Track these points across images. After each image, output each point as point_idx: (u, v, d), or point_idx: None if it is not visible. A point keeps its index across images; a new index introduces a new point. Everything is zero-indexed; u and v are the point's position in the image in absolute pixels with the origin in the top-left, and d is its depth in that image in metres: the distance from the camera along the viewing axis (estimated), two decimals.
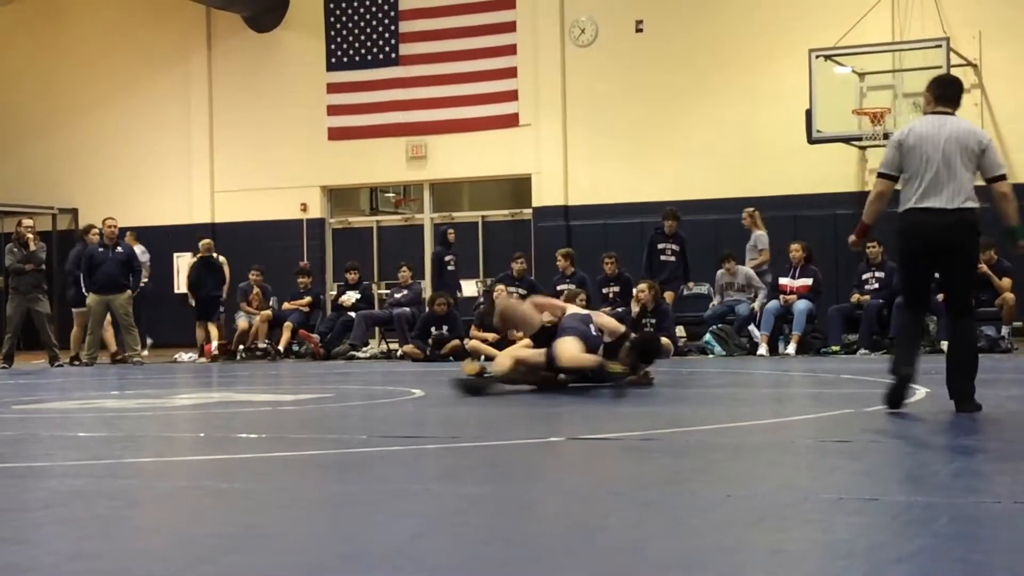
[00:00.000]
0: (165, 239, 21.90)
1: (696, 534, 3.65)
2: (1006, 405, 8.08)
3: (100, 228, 16.97)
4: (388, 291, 19.35)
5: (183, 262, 21.70)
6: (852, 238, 7.78)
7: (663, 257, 16.81)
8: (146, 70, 23.05)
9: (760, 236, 17.24)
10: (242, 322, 18.11)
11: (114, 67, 23.21)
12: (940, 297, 15.67)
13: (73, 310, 17.36)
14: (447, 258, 18.22)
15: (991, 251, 15.66)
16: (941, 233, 7.10)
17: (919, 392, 8.68)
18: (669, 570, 3.15)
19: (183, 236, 21.80)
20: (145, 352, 17.72)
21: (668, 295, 16.26)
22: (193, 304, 18.35)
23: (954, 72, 17.23)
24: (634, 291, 15.99)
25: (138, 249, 18.39)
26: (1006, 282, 15.44)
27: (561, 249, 18.03)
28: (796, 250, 16.27)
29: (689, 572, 3.13)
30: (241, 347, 17.90)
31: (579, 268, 17.56)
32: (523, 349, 9.90)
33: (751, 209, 17.51)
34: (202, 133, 22.74)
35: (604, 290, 17.05)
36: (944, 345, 15.00)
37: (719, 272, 16.93)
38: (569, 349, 9.31)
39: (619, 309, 16.11)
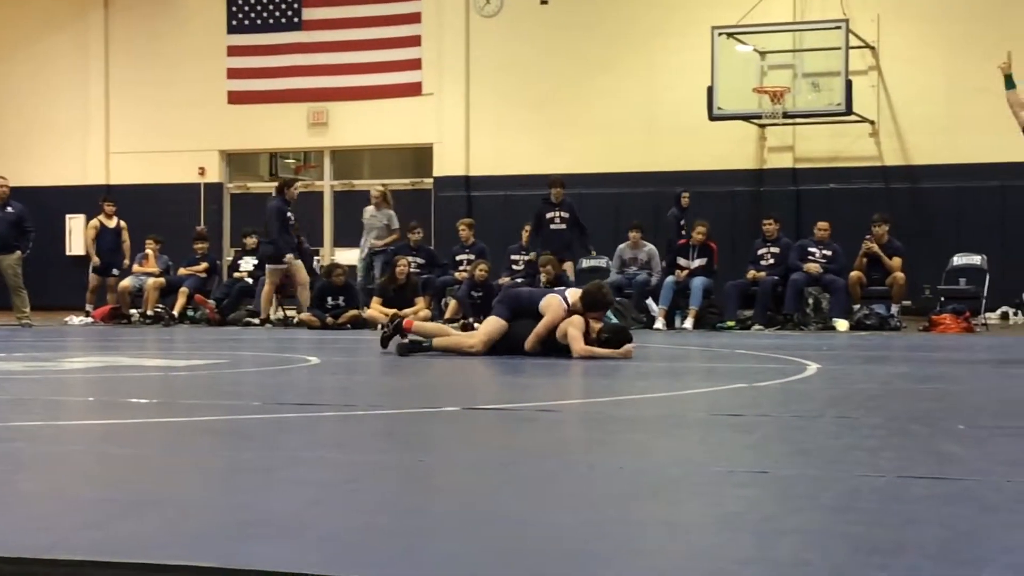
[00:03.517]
0: (59, 200, 21.48)
1: (589, 505, 3.68)
2: (893, 383, 8.25)
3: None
4: None
5: (76, 223, 21.32)
6: None
7: (552, 226, 16.76)
8: (41, 27, 22.53)
9: (392, 215, 17.58)
10: (126, 282, 17.86)
11: (8, 24, 22.65)
12: (854, 276, 15.91)
13: (267, 266, 16.93)
14: (683, 222, 17.36)
15: (884, 230, 15.99)
16: None
17: (810, 368, 8.84)
18: (562, 540, 3.17)
19: (77, 197, 21.42)
20: None
21: (567, 265, 16.15)
22: (97, 261, 18.00)
23: (852, 54, 17.52)
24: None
25: None
26: (896, 262, 15.77)
27: (463, 219, 18.04)
28: (700, 233, 16.36)
29: (583, 542, 3.16)
30: (134, 312, 17.66)
31: (479, 239, 17.60)
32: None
33: (383, 188, 18.13)
34: (98, 93, 22.30)
35: (514, 257, 17.17)
36: (836, 323, 15.34)
37: (622, 245, 17.03)
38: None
39: (519, 280, 16.18)
